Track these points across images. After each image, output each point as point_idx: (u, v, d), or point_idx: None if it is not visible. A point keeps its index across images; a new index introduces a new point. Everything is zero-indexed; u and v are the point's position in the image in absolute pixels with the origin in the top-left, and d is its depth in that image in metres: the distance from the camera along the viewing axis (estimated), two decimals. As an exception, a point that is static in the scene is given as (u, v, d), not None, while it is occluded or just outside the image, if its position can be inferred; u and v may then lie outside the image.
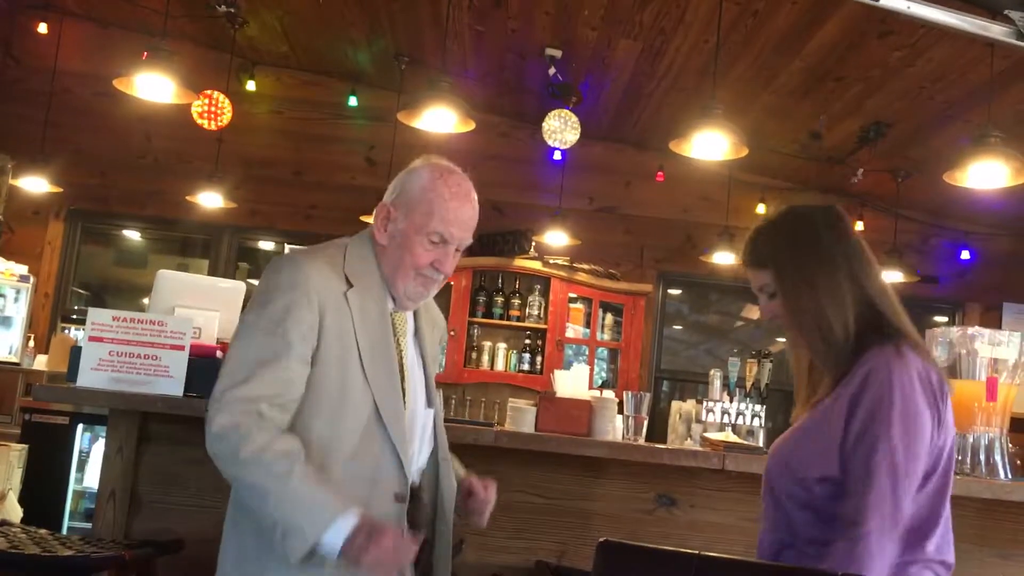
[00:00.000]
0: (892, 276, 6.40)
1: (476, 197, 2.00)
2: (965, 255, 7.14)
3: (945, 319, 7.37)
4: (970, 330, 2.98)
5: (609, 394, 3.22)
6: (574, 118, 5.87)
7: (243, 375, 1.76)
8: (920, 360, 1.70)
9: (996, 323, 6.94)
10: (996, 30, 2.81)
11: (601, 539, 1.37)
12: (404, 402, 1.90)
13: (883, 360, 1.67)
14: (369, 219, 6.03)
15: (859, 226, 7.01)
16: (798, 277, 1.78)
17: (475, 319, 6.60)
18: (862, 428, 1.64)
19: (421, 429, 1.96)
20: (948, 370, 3.03)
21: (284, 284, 1.82)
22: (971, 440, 2.93)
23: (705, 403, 3.70)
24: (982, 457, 2.91)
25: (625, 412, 3.11)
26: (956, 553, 1.69)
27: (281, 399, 1.77)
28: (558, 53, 5.71)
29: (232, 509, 1.89)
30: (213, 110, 6.01)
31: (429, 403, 2.01)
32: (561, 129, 5.87)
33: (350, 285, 1.88)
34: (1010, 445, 2.98)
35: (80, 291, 7.31)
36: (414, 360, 2.00)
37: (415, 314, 2.05)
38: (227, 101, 6.08)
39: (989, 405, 2.91)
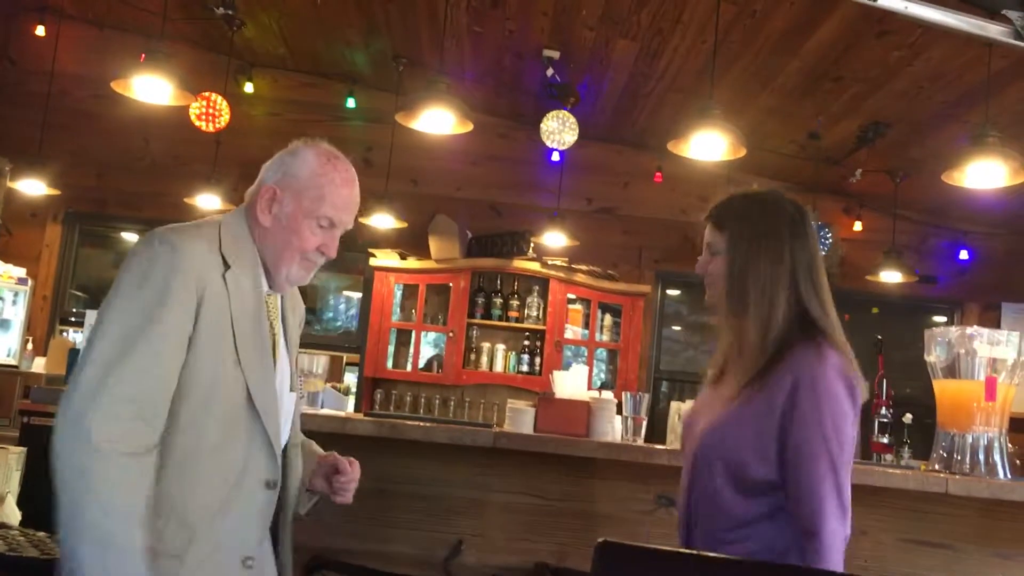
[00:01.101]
0: (890, 276, 6.41)
1: (358, 181, 1.99)
2: (964, 255, 7.14)
3: (944, 319, 7.37)
4: (969, 330, 2.98)
5: (608, 395, 3.22)
6: (572, 119, 5.87)
7: (118, 368, 1.66)
8: (840, 359, 1.78)
9: (995, 323, 6.94)
10: (994, 30, 2.81)
11: (600, 539, 1.37)
12: (276, 387, 1.87)
13: (807, 364, 1.75)
14: (365, 220, 6.02)
15: (857, 226, 7.03)
16: (746, 253, 1.84)
17: (474, 320, 6.59)
18: (800, 439, 1.73)
19: (286, 414, 1.94)
20: (947, 370, 3.03)
21: (160, 267, 1.73)
22: (970, 440, 2.93)
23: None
24: (981, 457, 2.92)
25: (624, 413, 3.11)
26: (956, 553, 1.70)
27: (163, 400, 1.70)
28: (556, 54, 5.71)
29: None
30: (211, 112, 6.01)
31: (292, 387, 1.98)
32: (559, 130, 5.87)
33: (227, 266, 1.82)
34: (1009, 445, 2.98)
35: (78, 294, 7.30)
36: (282, 344, 1.97)
37: (282, 297, 2.01)
38: (225, 103, 6.08)
39: (988, 405, 2.91)
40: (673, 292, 7.49)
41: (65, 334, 6.74)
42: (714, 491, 1.82)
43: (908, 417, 4.50)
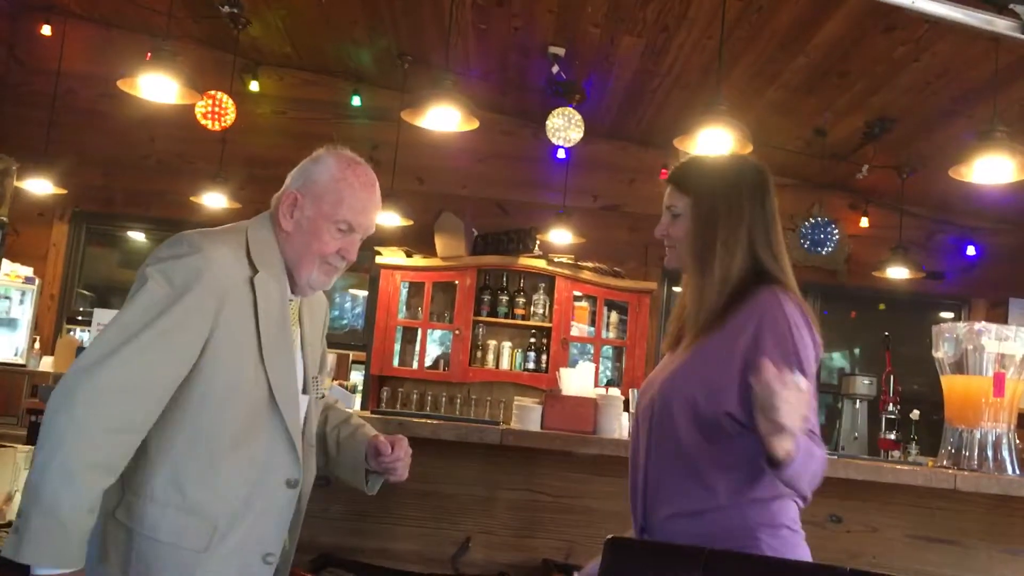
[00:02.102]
0: (897, 272, 6.39)
1: (378, 186, 2.03)
2: (971, 251, 7.12)
3: (951, 315, 7.35)
4: (977, 325, 2.98)
5: (615, 392, 3.22)
6: (578, 116, 5.86)
7: (122, 358, 1.69)
8: (798, 301, 1.81)
9: (1003, 318, 6.92)
10: (1001, 24, 2.79)
11: (609, 536, 1.37)
12: (297, 388, 1.92)
13: (768, 304, 1.76)
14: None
15: (864, 222, 7.01)
16: (708, 212, 1.86)
17: (480, 318, 6.59)
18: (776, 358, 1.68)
19: (302, 415, 1.97)
20: (955, 366, 3.02)
21: (185, 267, 1.77)
22: (978, 436, 2.93)
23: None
24: (990, 453, 2.91)
25: (631, 410, 3.10)
26: (965, 549, 1.70)
27: (160, 399, 1.73)
28: (561, 51, 5.70)
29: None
30: (217, 110, 6.01)
31: (306, 389, 2.00)
32: (565, 127, 5.86)
33: (255, 270, 1.86)
34: (1018, 440, 2.97)
35: (85, 293, 7.31)
36: (298, 347, 2.00)
37: (302, 300, 2.04)
38: (231, 101, 6.09)
39: (996, 400, 2.91)
40: (679, 289, 7.46)
41: (72, 333, 6.76)
42: (676, 443, 1.77)
43: (915, 413, 4.49)
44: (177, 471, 1.77)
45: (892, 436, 4.59)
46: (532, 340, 6.62)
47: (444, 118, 4.29)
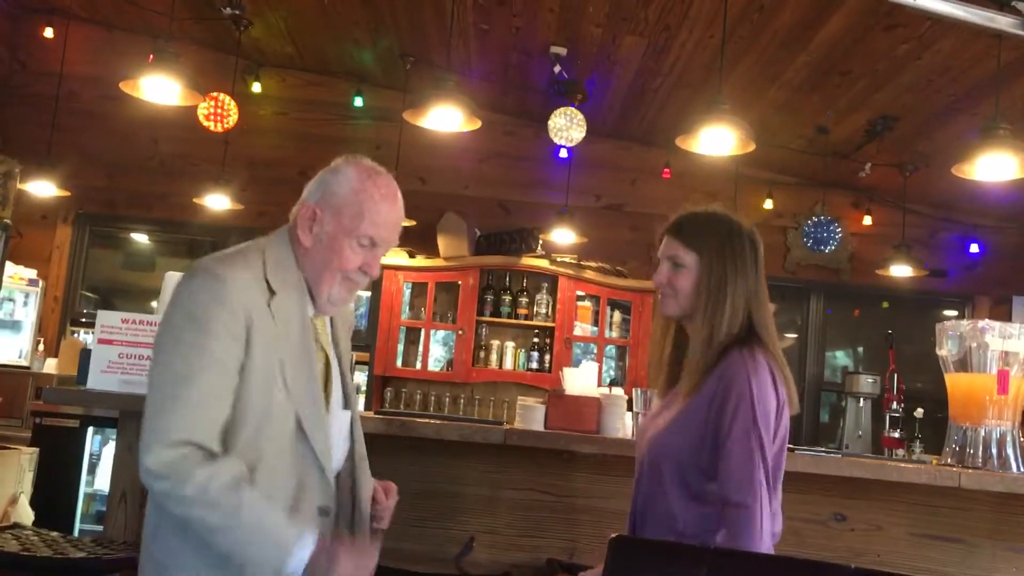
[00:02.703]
0: (900, 271, 6.39)
1: (401, 197, 1.94)
2: (974, 248, 7.11)
3: (954, 313, 7.34)
4: (980, 323, 2.98)
5: (618, 391, 3.22)
6: (580, 116, 5.86)
7: (172, 404, 1.68)
8: (768, 360, 1.92)
9: (1006, 316, 6.91)
10: (1003, 21, 2.79)
11: (613, 534, 1.37)
12: (324, 412, 1.85)
13: (738, 362, 1.89)
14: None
15: (867, 220, 7.01)
16: (717, 274, 1.98)
17: (483, 318, 6.59)
18: (729, 420, 1.85)
19: (338, 432, 1.92)
20: (959, 363, 3.02)
21: (206, 300, 1.73)
22: (983, 433, 2.93)
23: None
24: (994, 450, 2.91)
25: (635, 409, 3.11)
26: (970, 547, 1.71)
27: (213, 419, 1.70)
28: (563, 50, 5.70)
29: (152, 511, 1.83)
30: (219, 112, 6.02)
31: (347, 404, 1.97)
32: (567, 127, 5.86)
33: (272, 293, 1.80)
34: (1022, 438, 2.97)
35: (89, 295, 7.32)
36: (335, 364, 1.96)
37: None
38: (233, 103, 6.09)
39: (1000, 398, 2.91)
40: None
41: (76, 335, 6.76)
42: (663, 495, 1.93)
43: (919, 412, 4.49)
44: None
45: (896, 434, 4.58)
46: (535, 340, 6.62)
47: (446, 118, 4.29)
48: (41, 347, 6.63)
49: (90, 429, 5.11)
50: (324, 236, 1.86)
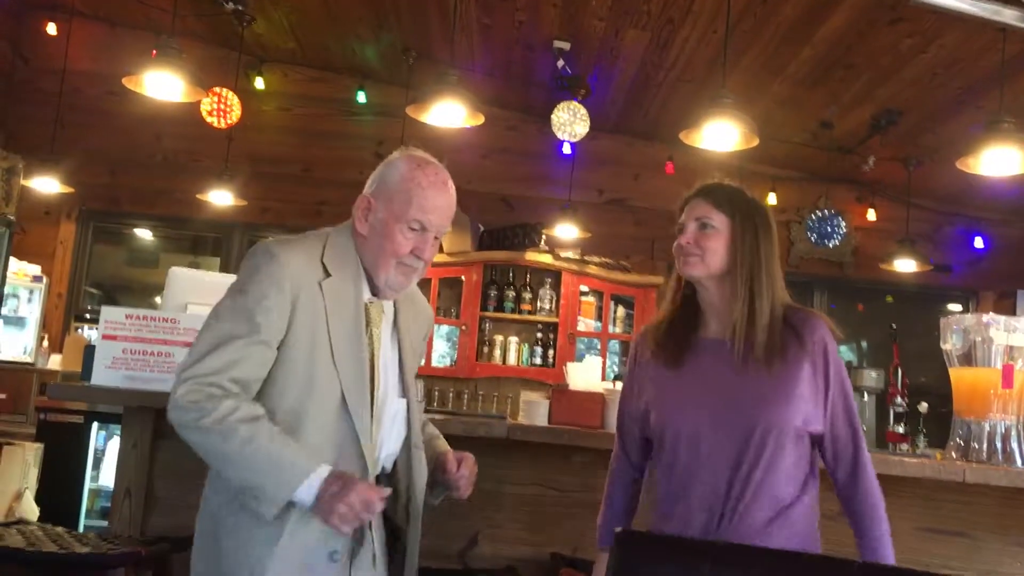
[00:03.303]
0: (905, 265, 6.38)
1: (453, 186, 2.04)
2: (979, 243, 7.10)
3: (959, 307, 7.33)
4: (985, 317, 2.97)
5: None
6: (583, 110, 5.85)
7: (208, 352, 1.82)
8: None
9: (1011, 311, 6.89)
10: (1008, 14, 2.79)
11: (618, 529, 1.37)
12: (373, 391, 1.94)
13: (820, 323, 1.97)
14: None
15: (871, 215, 7.00)
16: (751, 239, 2.00)
17: (486, 313, 6.59)
18: (837, 394, 1.95)
19: (391, 418, 2.00)
20: (963, 358, 3.01)
21: (258, 273, 1.88)
22: (987, 427, 2.92)
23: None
24: (999, 445, 2.90)
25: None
26: (974, 542, 1.75)
27: (243, 375, 1.83)
28: (566, 45, 5.69)
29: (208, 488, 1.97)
30: (222, 108, 6.02)
31: (403, 393, 2.05)
32: (570, 122, 5.85)
33: (328, 274, 1.93)
34: (1027, 432, 2.96)
35: (93, 291, 7.34)
36: (389, 350, 2.04)
37: (396, 306, 2.09)
38: (236, 98, 6.09)
39: (1005, 392, 2.90)
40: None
41: (80, 331, 6.77)
42: (783, 461, 1.91)
43: (923, 406, 4.47)
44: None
45: (900, 429, 4.57)
46: (539, 335, 6.62)
47: (449, 114, 4.29)
48: (45, 343, 6.64)
49: (95, 425, 5.12)
50: (378, 224, 1.97)
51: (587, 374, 3.25)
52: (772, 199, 6.95)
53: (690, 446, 1.96)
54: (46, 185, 6.32)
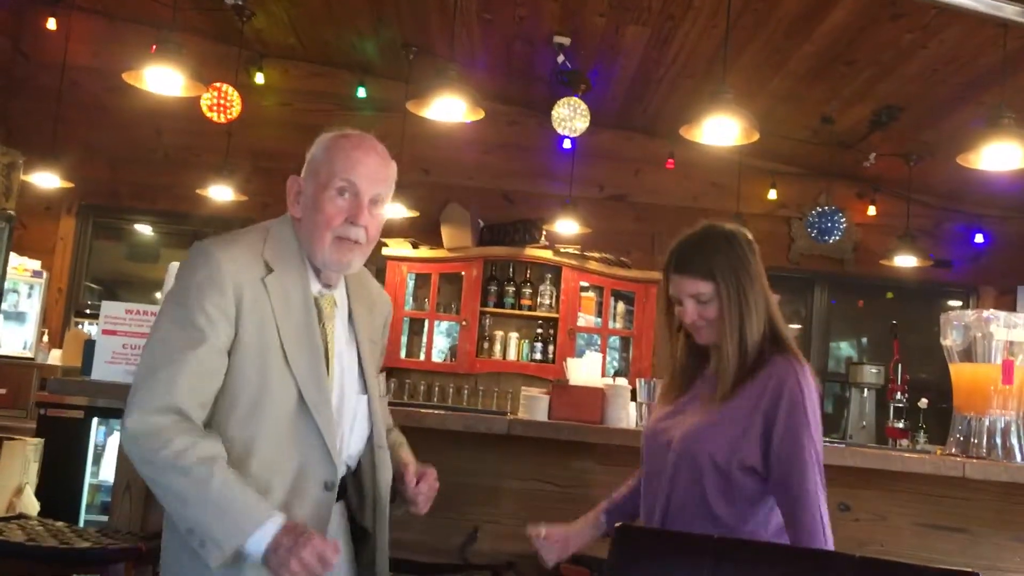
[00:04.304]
0: (905, 261, 6.37)
1: (384, 152, 1.95)
2: (979, 238, 7.09)
3: (959, 303, 7.32)
4: (985, 313, 2.97)
5: (622, 382, 3.22)
6: (583, 106, 5.84)
7: (158, 374, 1.73)
8: (809, 371, 2.00)
9: (1011, 306, 6.89)
10: (1010, 10, 2.78)
11: (618, 523, 1.37)
12: (327, 389, 1.84)
13: (790, 370, 1.96)
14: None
15: (871, 211, 6.99)
16: (736, 291, 2.02)
17: (486, 309, 6.59)
18: (785, 430, 1.92)
19: (352, 415, 1.92)
20: (963, 353, 3.01)
21: (197, 276, 1.78)
22: (987, 423, 2.92)
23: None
24: (998, 440, 2.90)
25: (639, 399, 3.10)
26: (974, 537, 1.75)
27: (199, 396, 1.74)
28: (566, 40, 5.68)
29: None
30: (222, 103, 6.01)
31: (363, 389, 1.95)
32: (570, 117, 5.84)
33: (270, 270, 1.83)
34: (1027, 428, 2.96)
35: (93, 286, 7.33)
36: (345, 344, 1.94)
37: (350, 296, 2.00)
38: (236, 94, 6.08)
39: (1005, 388, 2.90)
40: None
41: (80, 326, 6.77)
42: (699, 495, 1.96)
43: (923, 402, 4.49)
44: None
45: (900, 425, 4.58)
46: (539, 331, 6.62)
47: (449, 109, 4.28)
48: (45, 338, 6.64)
49: (95, 420, 5.12)
50: (308, 200, 1.90)
51: (587, 369, 3.25)
52: (772, 195, 6.95)
53: (645, 462, 2.13)
54: (46, 180, 6.31)
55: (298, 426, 1.80)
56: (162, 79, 4.39)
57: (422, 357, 6.67)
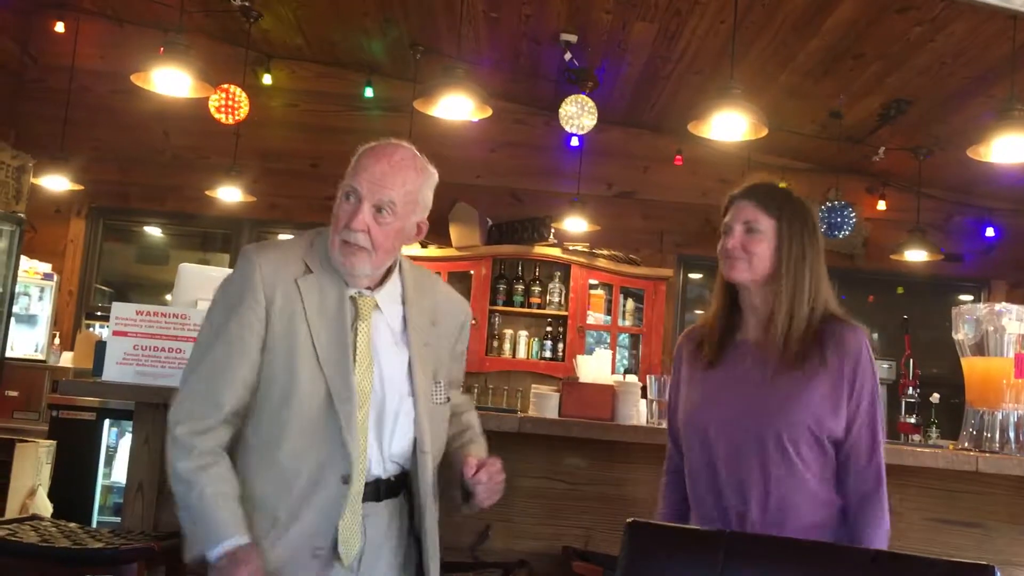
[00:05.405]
0: (915, 255, 6.35)
1: (403, 160, 1.98)
2: (990, 232, 7.06)
3: (970, 297, 7.29)
4: (997, 306, 2.95)
5: (632, 379, 3.21)
6: (591, 103, 5.84)
7: (190, 374, 1.90)
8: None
9: (1023, 300, 6.83)
10: (1018, 2, 2.77)
11: (630, 519, 1.37)
12: (354, 385, 1.86)
13: (860, 341, 1.97)
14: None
15: (881, 205, 6.97)
16: (798, 245, 1.97)
17: (496, 307, 6.59)
18: (862, 404, 1.93)
19: (394, 416, 1.92)
20: (975, 347, 3.00)
21: (235, 278, 1.92)
22: (1000, 417, 2.91)
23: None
24: (1011, 434, 2.89)
25: (649, 396, 3.10)
26: (987, 532, 1.76)
27: (233, 390, 1.86)
28: (573, 38, 5.67)
29: None
30: (230, 104, 6.02)
31: (411, 392, 1.95)
32: (578, 114, 5.83)
33: (309, 271, 1.92)
34: (1040, 422, 2.94)
35: (103, 288, 7.36)
36: (387, 345, 1.95)
37: (405, 300, 2.00)
38: (244, 95, 6.09)
39: (1018, 382, 2.88)
40: (695, 276, 7.46)
41: (91, 328, 6.79)
42: (803, 461, 1.90)
43: (935, 397, 4.45)
44: (246, 465, 1.88)
45: (912, 420, 4.55)
46: (548, 329, 6.62)
47: (456, 107, 4.28)
48: (57, 341, 6.67)
49: (106, 421, 5.14)
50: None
51: (597, 366, 3.25)
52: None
53: (704, 447, 1.98)
54: (56, 183, 6.34)
55: (326, 421, 1.85)
56: (170, 81, 4.40)
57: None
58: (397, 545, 1.96)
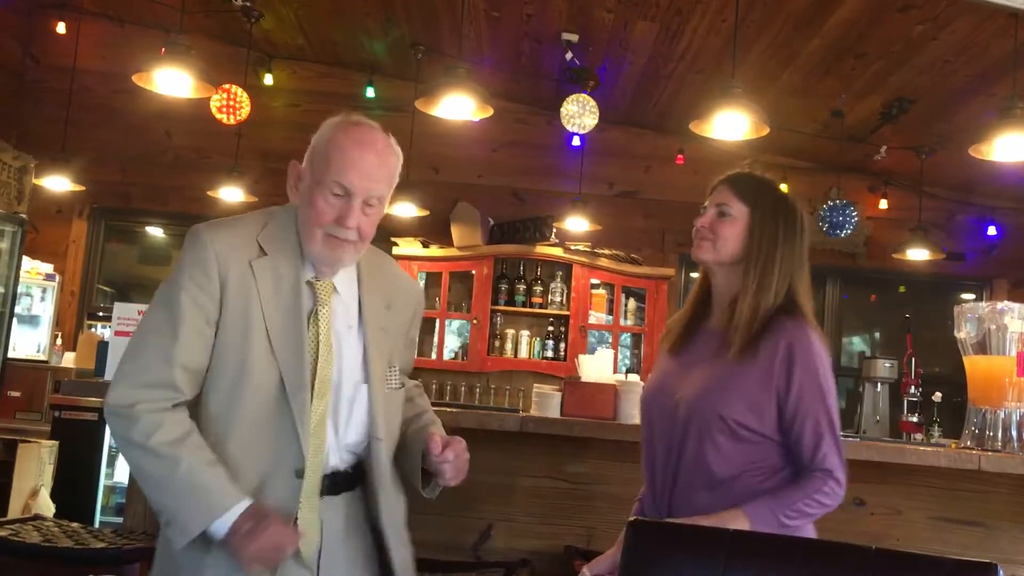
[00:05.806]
0: (917, 254, 6.34)
1: (385, 148, 1.89)
2: (992, 231, 7.05)
3: (972, 296, 7.28)
4: (999, 305, 2.96)
5: (634, 378, 3.21)
6: (592, 102, 5.83)
7: (138, 351, 1.79)
8: (820, 334, 1.97)
9: (1024, 299, 6.85)
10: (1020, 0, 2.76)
11: (632, 518, 1.37)
12: (313, 374, 1.80)
13: (799, 332, 1.92)
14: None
15: (883, 204, 6.96)
16: (769, 234, 1.98)
17: (497, 307, 6.59)
18: (799, 396, 1.90)
19: (349, 403, 1.86)
20: (978, 346, 3.00)
21: (185, 257, 1.82)
22: (1002, 415, 2.91)
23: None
24: (1014, 433, 2.89)
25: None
26: (990, 531, 1.74)
27: (181, 372, 1.76)
28: (575, 37, 5.67)
29: None
30: (231, 104, 6.02)
31: (365, 378, 1.88)
32: (579, 114, 5.83)
33: (263, 253, 1.83)
34: (1042, 420, 2.94)
35: (105, 288, 7.36)
36: (346, 332, 1.89)
37: (360, 284, 1.94)
38: (245, 95, 6.09)
39: (1020, 380, 2.88)
40: (697, 275, 7.44)
41: (93, 329, 6.80)
42: (713, 447, 1.91)
43: (937, 396, 4.46)
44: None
45: (914, 419, 4.56)
46: (550, 328, 6.62)
47: (458, 107, 4.28)
48: (59, 341, 6.67)
49: (109, 422, 5.14)
50: (304, 191, 1.87)
51: (599, 366, 3.25)
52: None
53: (645, 428, 2.08)
54: (57, 184, 6.34)
55: (278, 410, 1.78)
56: (171, 81, 4.41)
57: (433, 356, 6.67)
58: (357, 539, 1.90)
